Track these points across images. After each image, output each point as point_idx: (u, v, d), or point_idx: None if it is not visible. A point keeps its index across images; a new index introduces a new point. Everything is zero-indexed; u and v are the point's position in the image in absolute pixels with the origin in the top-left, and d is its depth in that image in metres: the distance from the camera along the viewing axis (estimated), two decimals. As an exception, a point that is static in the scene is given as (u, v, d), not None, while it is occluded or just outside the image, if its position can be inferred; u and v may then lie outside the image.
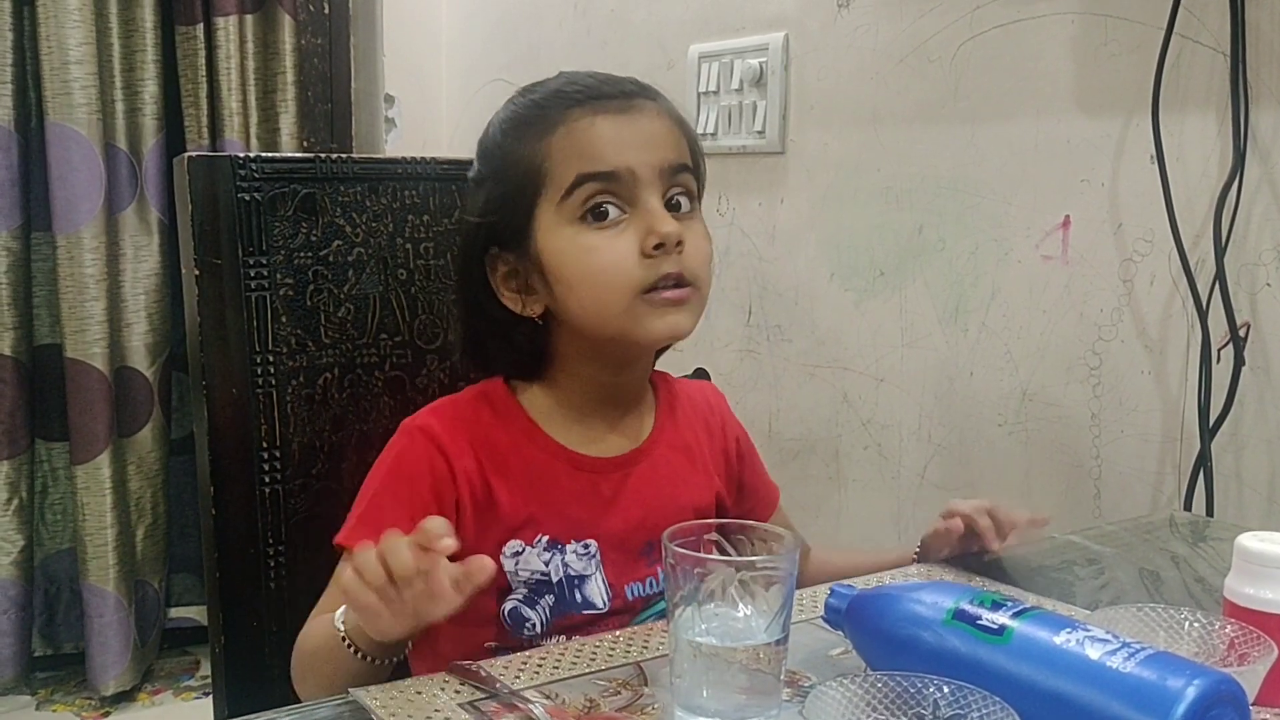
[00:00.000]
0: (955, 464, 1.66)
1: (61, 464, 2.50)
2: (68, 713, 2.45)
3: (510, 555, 0.98)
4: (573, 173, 0.95)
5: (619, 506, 1.02)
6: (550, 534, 0.99)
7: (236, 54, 2.51)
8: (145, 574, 2.54)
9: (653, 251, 0.94)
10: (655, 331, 0.96)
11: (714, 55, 1.97)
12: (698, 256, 0.97)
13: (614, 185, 0.95)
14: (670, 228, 0.94)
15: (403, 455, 0.99)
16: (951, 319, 1.64)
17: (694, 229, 0.98)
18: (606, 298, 0.95)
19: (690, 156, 1.01)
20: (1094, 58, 1.44)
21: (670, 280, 0.95)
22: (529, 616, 0.98)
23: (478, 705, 0.76)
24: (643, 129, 0.97)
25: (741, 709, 0.72)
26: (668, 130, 0.99)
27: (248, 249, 1.10)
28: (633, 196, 0.95)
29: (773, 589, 0.72)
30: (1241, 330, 1.31)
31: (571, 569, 0.99)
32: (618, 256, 0.94)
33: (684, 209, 0.98)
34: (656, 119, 0.99)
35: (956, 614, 0.73)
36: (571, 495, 1.00)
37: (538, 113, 0.99)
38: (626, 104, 0.98)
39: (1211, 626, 0.77)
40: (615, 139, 0.96)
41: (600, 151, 0.95)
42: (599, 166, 0.95)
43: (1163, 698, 0.62)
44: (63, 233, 2.34)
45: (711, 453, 1.11)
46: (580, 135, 0.96)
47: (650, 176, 0.95)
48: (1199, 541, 1.20)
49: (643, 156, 0.95)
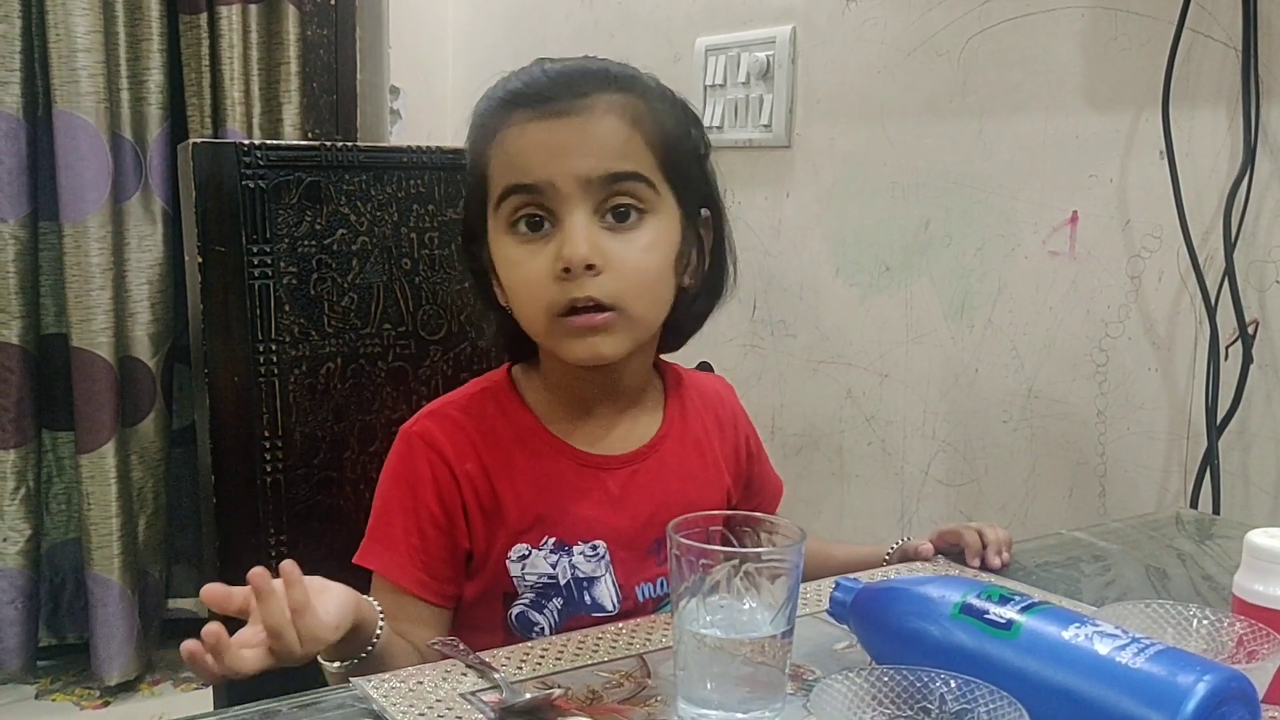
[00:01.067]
0: (960, 461, 1.65)
1: (67, 453, 2.49)
2: (67, 703, 2.45)
3: (516, 560, 0.96)
4: (502, 183, 0.92)
5: (627, 504, 0.99)
6: (557, 535, 0.97)
7: (240, 44, 2.50)
8: (147, 564, 2.54)
9: (562, 274, 0.89)
10: (574, 354, 0.92)
11: (721, 48, 1.96)
12: (625, 276, 0.91)
13: (537, 198, 0.91)
14: (577, 251, 0.88)
15: (403, 463, 0.98)
16: (957, 315, 1.64)
17: (633, 242, 0.91)
18: (528, 312, 0.94)
19: (653, 159, 0.93)
20: (1104, 52, 1.44)
21: (582, 305, 0.90)
22: (537, 621, 0.97)
23: (478, 695, 0.75)
24: (577, 136, 0.91)
25: (745, 702, 0.72)
26: (611, 135, 0.92)
27: (251, 237, 1.10)
28: (555, 210, 0.91)
29: (778, 581, 0.72)
30: (1250, 327, 1.30)
31: (580, 570, 0.97)
32: (535, 275, 0.91)
33: (630, 219, 0.92)
34: (600, 122, 0.91)
35: (964, 608, 0.72)
36: (578, 493, 0.98)
37: (487, 115, 0.96)
38: (569, 106, 0.91)
39: (1220, 623, 0.76)
40: (543, 148, 0.91)
41: (526, 163, 0.91)
42: (522, 178, 0.91)
43: (1173, 694, 0.61)
44: (69, 222, 2.33)
45: (722, 448, 1.09)
46: (511, 144, 0.92)
47: (573, 189, 0.90)
48: (1205, 539, 1.19)
49: (568, 167, 0.90)
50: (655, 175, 0.93)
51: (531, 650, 0.83)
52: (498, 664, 0.80)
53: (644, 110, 0.94)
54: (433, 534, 0.95)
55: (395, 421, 1.16)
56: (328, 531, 1.13)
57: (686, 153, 0.98)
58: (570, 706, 0.75)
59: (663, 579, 1.00)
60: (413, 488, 0.96)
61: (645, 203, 0.93)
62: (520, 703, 0.73)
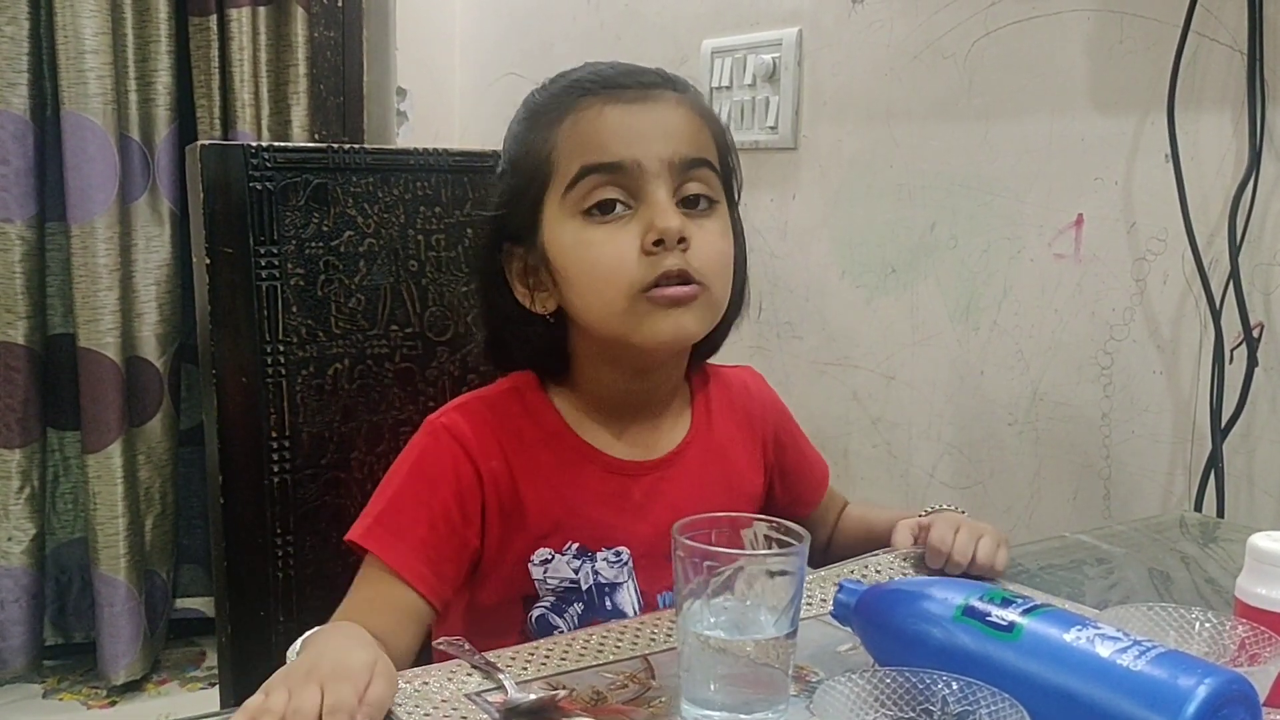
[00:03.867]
0: (965, 463, 1.65)
1: (73, 453, 2.50)
2: (74, 702, 2.46)
3: (539, 564, 0.96)
4: (577, 164, 0.92)
5: (651, 511, 0.98)
6: (580, 540, 0.96)
7: (249, 46, 2.51)
8: (154, 564, 2.55)
9: (653, 248, 0.90)
10: (658, 333, 0.91)
11: (727, 50, 1.96)
12: (708, 255, 0.92)
13: (618, 177, 0.91)
14: (671, 223, 0.89)
15: (425, 454, 0.96)
16: (963, 317, 1.64)
17: (709, 227, 0.93)
18: (607, 295, 0.91)
19: (716, 152, 0.97)
20: (1109, 55, 1.44)
21: (672, 278, 0.90)
22: (557, 624, 0.96)
23: (483, 695, 0.76)
24: (656, 120, 0.93)
25: (749, 703, 0.72)
26: (686, 122, 0.94)
27: (259, 238, 1.10)
28: (638, 190, 0.91)
29: (781, 583, 0.72)
30: (1255, 330, 1.30)
31: (602, 576, 0.96)
32: (618, 252, 0.90)
33: (701, 206, 0.94)
34: (674, 110, 0.94)
35: (966, 610, 0.73)
36: (601, 499, 0.98)
37: (551, 102, 0.96)
38: (642, 94, 0.94)
39: (1222, 626, 0.76)
40: (623, 129, 0.92)
41: (605, 142, 0.92)
42: (603, 158, 0.91)
43: (1174, 696, 0.61)
44: (77, 222, 2.34)
45: (750, 446, 1.08)
46: (587, 125, 0.93)
47: (658, 169, 0.91)
48: (1209, 542, 1.19)
49: (652, 148, 0.91)
50: (719, 169, 0.97)
51: (537, 650, 0.84)
52: (503, 664, 0.80)
53: (705, 110, 0.99)
54: (444, 531, 0.93)
55: (402, 422, 1.17)
56: (335, 532, 1.13)
57: (734, 163, 1.01)
58: (574, 707, 0.75)
59: None
60: (432, 481, 0.94)
61: (715, 193, 0.96)
62: (525, 703, 0.74)
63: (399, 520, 0.93)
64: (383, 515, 0.94)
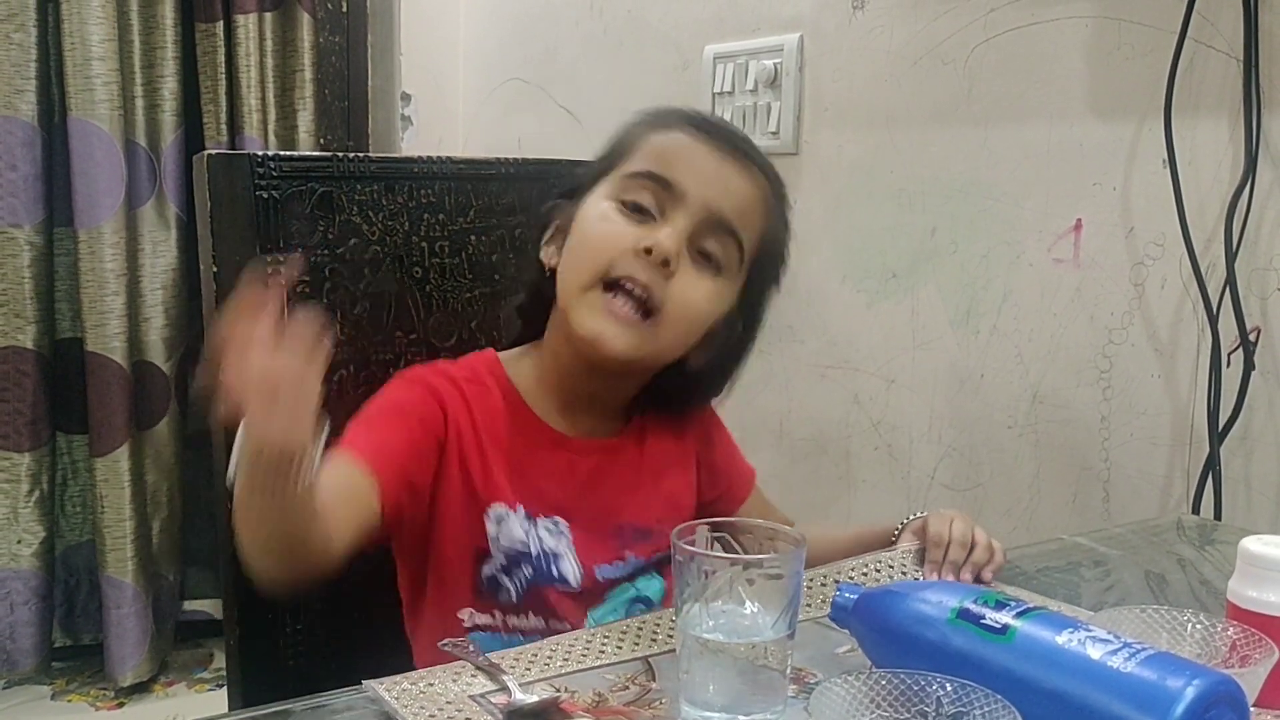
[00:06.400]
0: (965, 466, 1.66)
1: (81, 456, 2.52)
2: (83, 703, 2.48)
3: (494, 520, 1.00)
4: (643, 165, 1.00)
5: (593, 487, 1.04)
6: (525, 505, 1.02)
7: (256, 51, 2.53)
8: (161, 567, 2.57)
9: (640, 253, 0.96)
10: (584, 325, 0.98)
11: (729, 56, 1.98)
12: (679, 297, 0.98)
13: (662, 192, 0.99)
14: (668, 244, 0.96)
15: (397, 392, 1.02)
16: (963, 321, 1.65)
17: (701, 281, 0.99)
18: (580, 265, 0.99)
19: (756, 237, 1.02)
20: (1107, 61, 1.45)
21: (633, 285, 0.96)
22: (505, 585, 1.01)
23: (487, 697, 0.77)
24: (724, 175, 1.00)
25: (747, 704, 0.73)
26: (744, 195, 1.01)
27: (265, 246, 1.11)
28: (668, 210, 0.98)
29: (779, 586, 0.73)
30: (1251, 335, 1.32)
31: (545, 544, 1.01)
32: (614, 235, 0.98)
33: (709, 265, 1.00)
34: (745, 180, 1.01)
35: (960, 613, 0.74)
36: (546, 471, 1.03)
37: (659, 117, 1.05)
38: (735, 152, 1.01)
39: (1214, 628, 0.78)
40: (692, 162, 1.00)
41: (673, 163, 0.99)
42: (663, 172, 0.99)
43: (1162, 697, 0.62)
44: (84, 227, 2.36)
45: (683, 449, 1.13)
46: (670, 144, 1.01)
47: (693, 205, 0.98)
48: (1206, 545, 1.20)
49: (701, 189, 0.98)
50: (748, 253, 1.03)
51: (539, 652, 0.85)
52: (506, 666, 0.82)
53: (775, 207, 1.06)
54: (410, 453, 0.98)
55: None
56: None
57: (772, 267, 1.08)
58: (576, 709, 0.76)
59: (619, 562, 1.05)
60: (401, 413, 1.00)
61: (728, 264, 1.01)
62: (528, 705, 0.75)
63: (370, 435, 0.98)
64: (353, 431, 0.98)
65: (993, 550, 1.01)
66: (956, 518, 1.03)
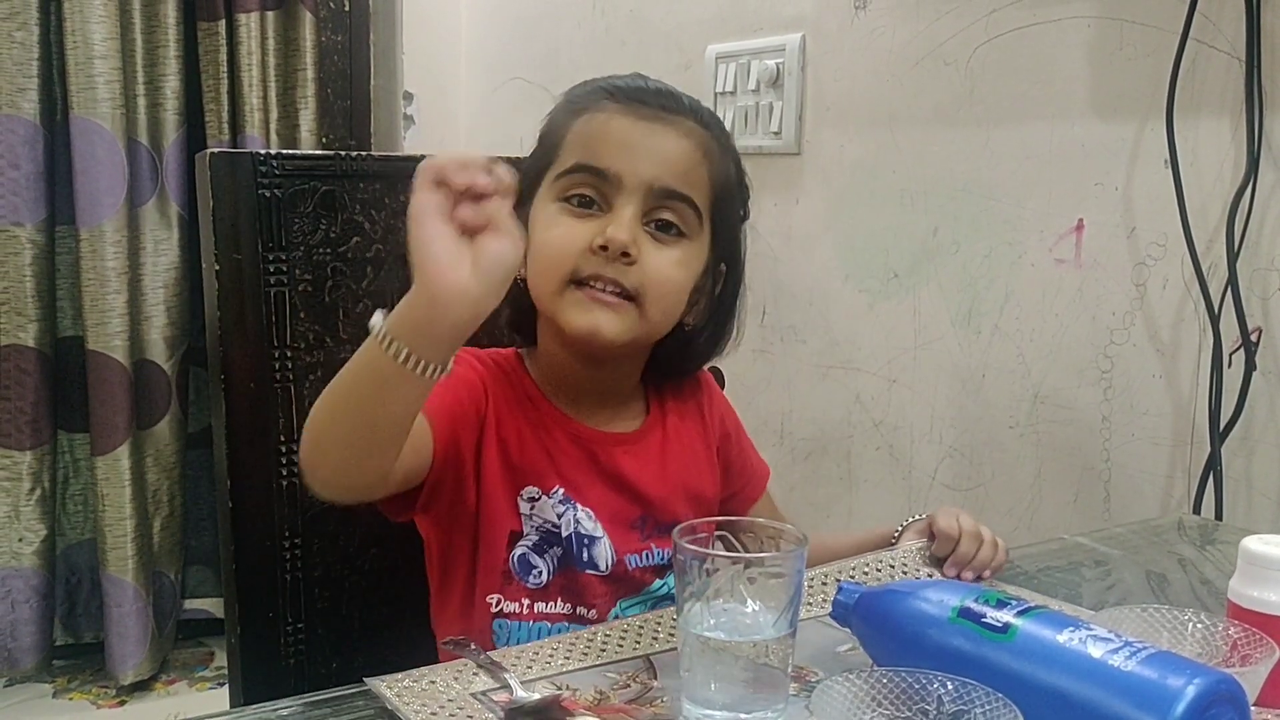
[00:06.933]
0: (967, 466, 1.66)
1: (82, 455, 2.52)
2: (84, 701, 2.48)
3: (527, 500, 1.01)
4: (572, 158, 0.99)
5: (614, 481, 1.04)
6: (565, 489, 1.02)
7: (258, 50, 2.53)
8: (162, 565, 2.57)
9: (597, 250, 0.96)
10: (574, 322, 0.97)
11: (731, 56, 1.98)
12: (650, 276, 0.97)
13: (599, 182, 0.98)
14: (620, 235, 0.95)
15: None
16: (964, 321, 1.65)
17: (666, 253, 0.98)
18: (545, 275, 0.98)
19: (707, 192, 1.01)
20: (1109, 62, 1.45)
21: (604, 283, 0.96)
22: (536, 564, 1.01)
23: (489, 695, 0.77)
24: (655, 144, 0.98)
25: (748, 702, 0.73)
26: (683, 155, 0.99)
27: (267, 245, 1.11)
28: (612, 199, 0.97)
29: (780, 585, 0.74)
30: (1253, 335, 1.32)
31: (583, 527, 1.01)
32: (567, 240, 0.97)
33: (669, 233, 0.99)
34: (678, 140, 0.99)
35: (962, 612, 0.74)
36: (573, 461, 1.03)
37: (580, 95, 1.03)
38: (658, 115, 0.99)
39: (1215, 628, 0.78)
40: (621, 141, 0.98)
41: (601, 147, 0.98)
42: (593, 161, 0.98)
43: (1163, 696, 0.63)
44: (86, 226, 2.36)
45: (705, 435, 1.13)
46: (596, 127, 0.99)
47: (634, 186, 0.97)
48: (1207, 544, 1.20)
49: (637, 167, 0.97)
50: (705, 209, 1.01)
51: (541, 650, 0.85)
52: (508, 664, 0.82)
53: (716, 151, 1.03)
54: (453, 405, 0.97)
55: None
56: (342, 534, 1.15)
57: (733, 206, 1.06)
58: (577, 706, 0.76)
59: (647, 552, 1.04)
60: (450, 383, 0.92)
61: (687, 227, 1.00)
62: (529, 703, 0.75)
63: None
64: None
65: (997, 547, 1.02)
66: (962, 513, 1.04)
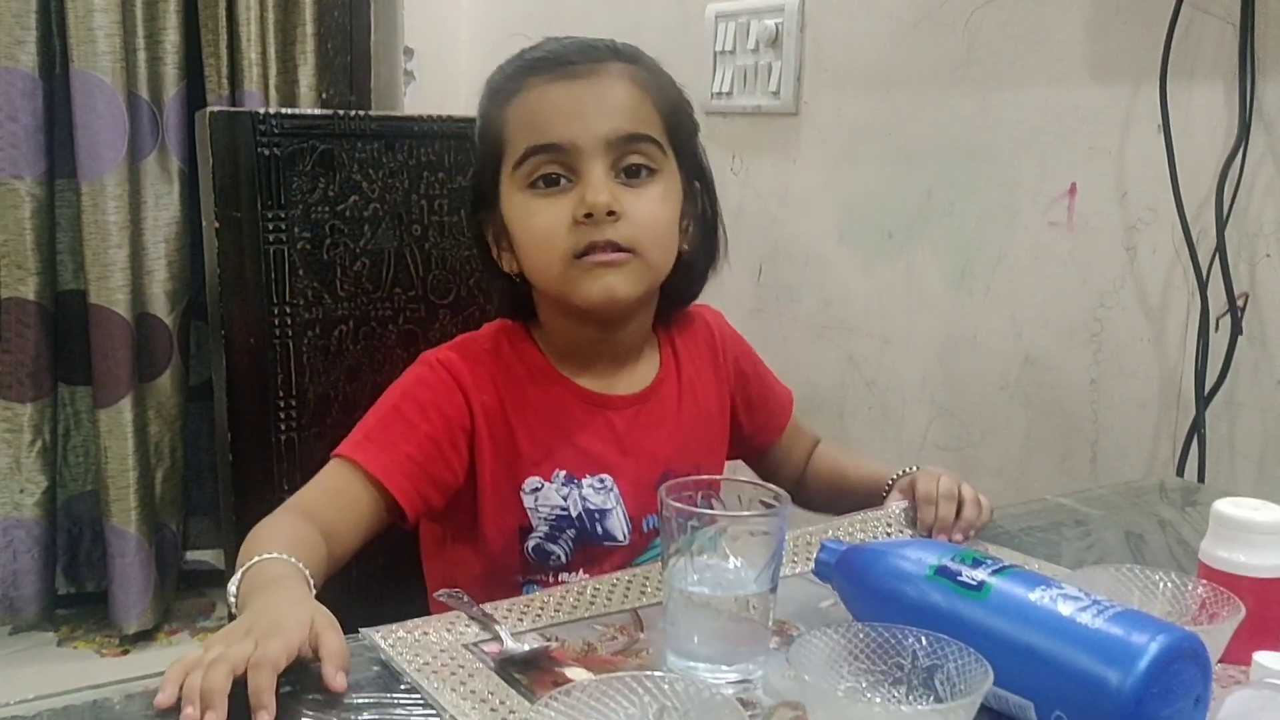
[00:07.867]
0: (957, 426, 1.68)
1: (84, 408, 2.55)
2: (89, 650, 2.52)
3: (529, 492, 1.02)
4: (523, 144, 0.99)
5: (631, 441, 1.06)
6: (566, 469, 1.03)
7: (257, 5, 2.52)
8: (164, 516, 2.60)
9: (583, 220, 0.97)
10: (589, 294, 0.98)
11: (730, 15, 1.98)
12: (640, 224, 0.98)
13: (559, 156, 0.98)
14: (599, 198, 0.96)
15: (419, 382, 1.03)
16: (957, 283, 1.67)
17: (646, 195, 1.00)
18: (544, 260, 0.99)
19: (660, 122, 1.02)
20: (1105, 25, 1.45)
21: (601, 246, 0.97)
22: (553, 551, 1.03)
23: (480, 646, 0.80)
24: (596, 97, 0.99)
25: (730, 655, 0.76)
26: (626, 97, 1.00)
27: (266, 203, 1.13)
28: (577, 166, 0.98)
29: (762, 542, 0.76)
30: (1240, 301, 1.33)
31: (590, 503, 1.03)
32: (552, 221, 0.98)
33: (641, 176, 1.00)
34: (616, 85, 1.00)
35: (938, 570, 0.76)
36: (585, 429, 1.05)
37: (505, 82, 1.03)
38: (588, 70, 1.00)
39: (1184, 587, 0.80)
40: (563, 110, 0.98)
41: (546, 124, 0.98)
42: (544, 139, 0.98)
43: (1127, 652, 0.65)
44: (87, 179, 2.37)
45: (719, 380, 1.15)
46: (532, 106, 1.00)
47: (594, 146, 0.97)
48: (1187, 506, 1.23)
49: (589, 127, 0.97)
50: (663, 139, 1.02)
51: (531, 604, 0.87)
52: (499, 616, 0.84)
53: (651, 80, 1.03)
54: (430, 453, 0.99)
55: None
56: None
57: (686, 123, 1.06)
58: (566, 657, 0.79)
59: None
60: (423, 408, 1.00)
61: (655, 163, 1.01)
62: (520, 654, 0.78)
63: (389, 438, 0.99)
64: (372, 433, 1.00)
65: (980, 506, 1.04)
66: (944, 475, 1.06)
